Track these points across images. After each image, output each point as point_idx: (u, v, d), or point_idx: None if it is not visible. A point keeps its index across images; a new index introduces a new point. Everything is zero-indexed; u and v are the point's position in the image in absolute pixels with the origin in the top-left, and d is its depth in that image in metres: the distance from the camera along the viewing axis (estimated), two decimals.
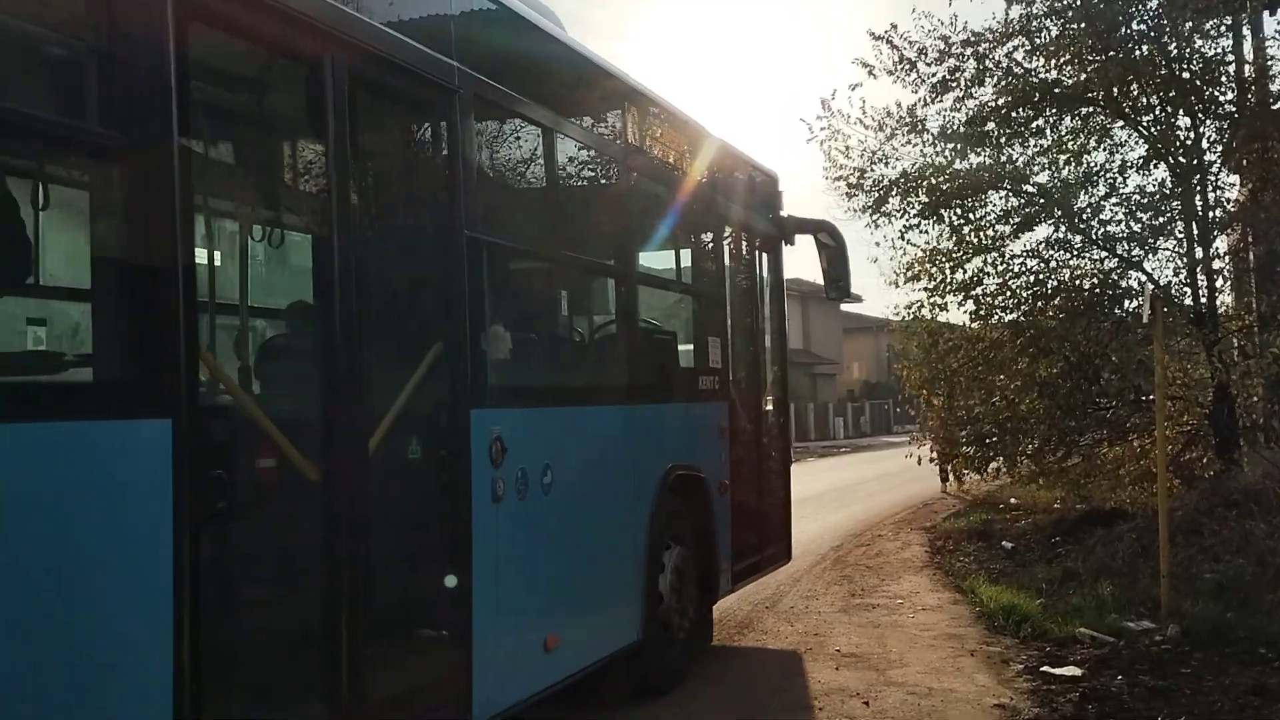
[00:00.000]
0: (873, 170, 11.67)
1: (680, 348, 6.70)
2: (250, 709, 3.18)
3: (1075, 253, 11.46)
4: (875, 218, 11.67)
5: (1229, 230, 11.19)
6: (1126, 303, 10.92)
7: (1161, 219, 10.92)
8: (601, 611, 5.32)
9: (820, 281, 8.24)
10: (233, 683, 3.07)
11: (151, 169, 2.76)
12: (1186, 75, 10.40)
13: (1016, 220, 11.45)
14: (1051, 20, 10.58)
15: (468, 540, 4.01)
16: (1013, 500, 13.85)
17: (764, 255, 7.77)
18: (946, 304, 11.80)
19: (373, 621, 3.55)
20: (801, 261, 61.22)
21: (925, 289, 11.79)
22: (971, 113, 11.05)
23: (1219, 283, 10.86)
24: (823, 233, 7.89)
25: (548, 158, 5.24)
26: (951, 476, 14.26)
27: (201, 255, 3.78)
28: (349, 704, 3.39)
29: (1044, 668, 6.12)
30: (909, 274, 11.86)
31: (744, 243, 7.56)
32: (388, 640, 3.71)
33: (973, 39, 10.72)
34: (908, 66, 10.99)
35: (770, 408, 7.87)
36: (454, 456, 4.02)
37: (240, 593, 3.36)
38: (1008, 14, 10.66)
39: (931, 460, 12.76)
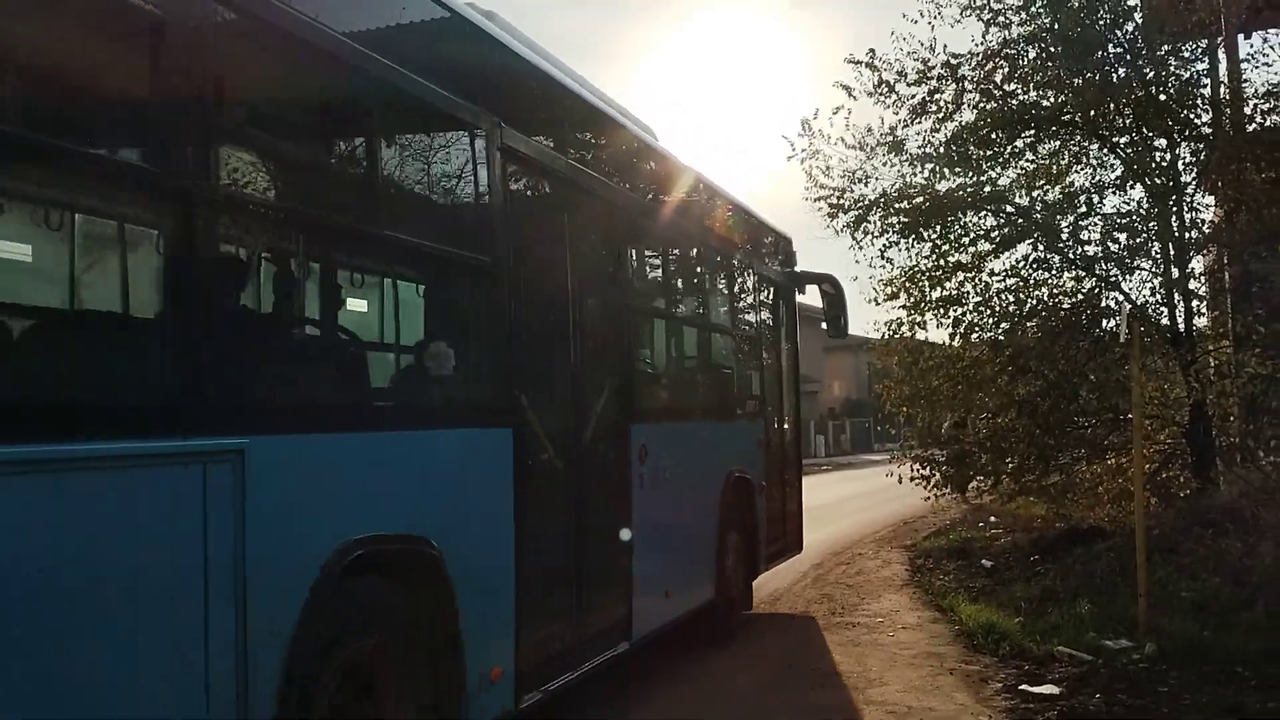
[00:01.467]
0: (853, 189, 11.69)
1: (735, 377, 8.73)
2: (539, 618, 4.80)
3: (1054, 272, 11.55)
4: (856, 236, 11.68)
5: (1205, 251, 11.30)
6: (1105, 322, 10.98)
7: (1139, 240, 11.01)
8: (693, 574, 7.17)
9: (809, 301, 10.35)
10: (556, 605, 5.12)
11: (498, 276, 4.54)
12: (1163, 98, 10.50)
13: (996, 239, 11.52)
14: (1031, 45, 10.68)
15: (629, 515, 5.83)
16: (993, 519, 13.89)
17: (782, 302, 9.63)
18: (926, 321, 11.85)
19: (589, 566, 5.41)
20: None
21: (904, 306, 11.84)
22: (951, 134, 11.11)
23: (1195, 303, 10.95)
24: (825, 283, 9.94)
25: (663, 245, 7.35)
26: (933, 495, 14.25)
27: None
28: (577, 623, 5.24)
29: (1023, 686, 6.13)
30: (889, 291, 11.91)
31: (771, 294, 9.46)
32: (593, 580, 5.47)
33: (952, 61, 10.79)
34: (887, 89, 11.04)
35: (788, 425, 9.80)
36: (621, 457, 5.89)
37: (533, 546, 4.73)
38: (985, 36, 10.78)
39: (913, 480, 12.78)
